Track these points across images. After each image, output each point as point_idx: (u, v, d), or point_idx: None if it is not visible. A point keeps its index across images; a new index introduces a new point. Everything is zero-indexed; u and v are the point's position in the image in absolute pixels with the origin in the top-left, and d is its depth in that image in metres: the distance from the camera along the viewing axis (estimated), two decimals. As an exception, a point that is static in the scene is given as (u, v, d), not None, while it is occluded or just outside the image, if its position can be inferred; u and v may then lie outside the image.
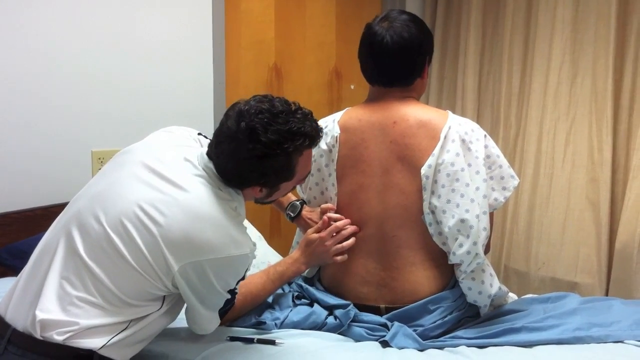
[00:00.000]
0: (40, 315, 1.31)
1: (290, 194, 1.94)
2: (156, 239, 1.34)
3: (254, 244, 1.46)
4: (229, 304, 1.51)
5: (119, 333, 1.36)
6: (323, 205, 1.82)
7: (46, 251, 1.42)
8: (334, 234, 1.76)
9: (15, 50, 2.19)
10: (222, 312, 1.52)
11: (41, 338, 1.31)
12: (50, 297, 1.34)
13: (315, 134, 1.45)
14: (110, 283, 1.34)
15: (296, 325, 1.70)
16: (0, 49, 2.16)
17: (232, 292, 1.49)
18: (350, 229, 1.77)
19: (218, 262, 1.38)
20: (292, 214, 1.90)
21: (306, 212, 1.89)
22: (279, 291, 1.88)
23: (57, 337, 1.30)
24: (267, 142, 1.36)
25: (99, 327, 1.33)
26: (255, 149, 1.36)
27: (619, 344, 1.61)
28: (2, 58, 2.17)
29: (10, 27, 2.18)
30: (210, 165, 1.45)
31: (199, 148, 1.53)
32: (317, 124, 1.46)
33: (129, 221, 1.35)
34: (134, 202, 1.36)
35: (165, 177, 1.41)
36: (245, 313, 1.71)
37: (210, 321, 1.51)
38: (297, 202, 1.90)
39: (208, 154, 1.47)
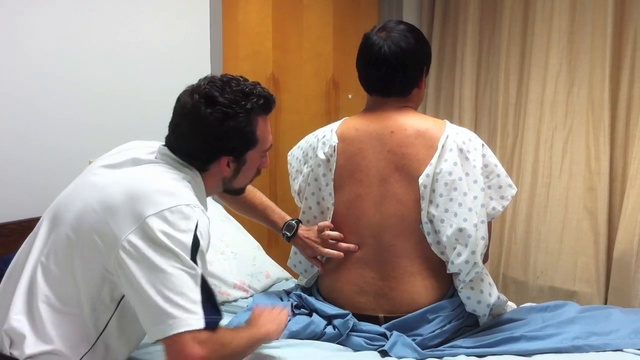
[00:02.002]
0: (6, 325, 1.32)
1: (285, 215, 1.94)
2: (100, 213, 1.32)
3: (205, 210, 1.38)
4: (214, 314, 1.27)
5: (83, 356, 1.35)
6: (320, 223, 1.81)
7: (16, 263, 1.44)
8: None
9: (12, 60, 2.20)
10: (212, 323, 1.25)
11: (9, 354, 1.31)
12: (18, 307, 1.35)
13: (269, 96, 1.47)
14: (69, 277, 1.35)
15: (295, 335, 1.70)
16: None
17: (212, 299, 1.28)
18: (344, 246, 1.76)
19: (163, 215, 1.27)
20: (288, 234, 1.88)
21: (302, 230, 1.87)
22: (278, 300, 1.88)
23: (17, 353, 1.31)
24: (225, 102, 1.39)
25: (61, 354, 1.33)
26: (215, 112, 1.38)
27: (618, 352, 1.61)
28: None
29: (6, 36, 2.19)
30: (167, 152, 1.45)
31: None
32: (267, 90, 1.49)
33: (83, 213, 1.36)
34: (88, 200, 1.37)
35: (113, 165, 1.44)
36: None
37: (172, 316, 1.21)
38: (293, 222, 1.89)
39: (166, 144, 1.48)
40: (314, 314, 1.77)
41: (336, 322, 1.71)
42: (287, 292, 1.96)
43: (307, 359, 1.57)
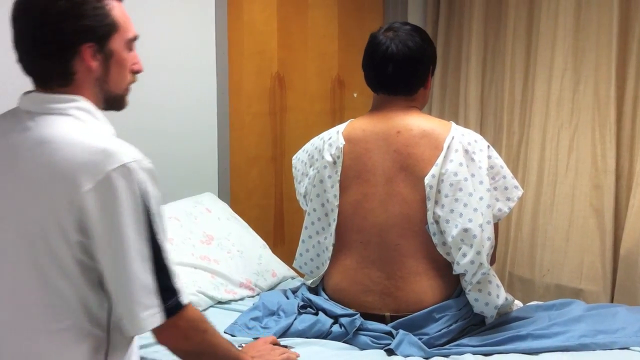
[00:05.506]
0: None
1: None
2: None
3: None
4: (173, 291, 1.18)
5: None
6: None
7: None
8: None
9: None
10: (170, 307, 1.17)
11: None
12: None
13: None
14: (39, 279, 1.15)
15: (301, 334, 1.71)
16: None
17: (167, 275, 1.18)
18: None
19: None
20: None
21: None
22: (284, 299, 1.89)
23: None
24: None
25: None
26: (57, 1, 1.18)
27: (625, 350, 1.61)
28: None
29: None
30: (34, 93, 1.24)
31: None
32: None
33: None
34: None
35: None
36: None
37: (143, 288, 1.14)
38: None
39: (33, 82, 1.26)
40: (320, 313, 1.77)
41: (343, 320, 1.71)
42: (293, 291, 1.96)
43: (313, 358, 1.58)
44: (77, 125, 1.19)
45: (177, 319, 1.18)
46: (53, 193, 1.13)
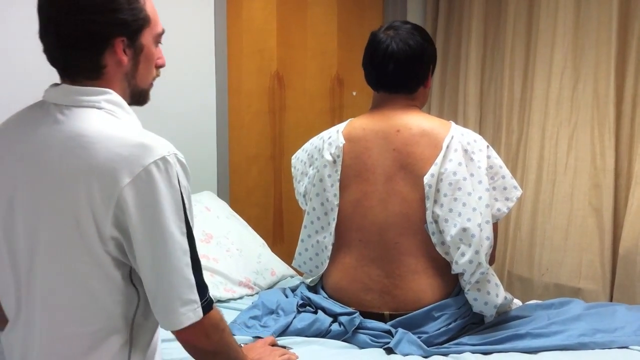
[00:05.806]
0: None
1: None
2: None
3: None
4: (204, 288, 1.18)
5: None
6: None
7: None
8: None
9: (10, 62, 2.20)
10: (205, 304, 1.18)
11: None
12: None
13: None
14: (75, 278, 1.15)
15: (300, 333, 1.71)
16: None
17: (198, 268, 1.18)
18: None
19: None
20: None
21: None
22: (283, 297, 1.89)
23: None
24: None
25: None
26: None
27: (624, 349, 1.61)
28: None
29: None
30: (64, 85, 1.21)
31: None
32: None
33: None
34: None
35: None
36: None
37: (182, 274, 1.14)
38: None
39: (60, 74, 1.23)
40: (319, 311, 1.77)
41: (342, 319, 1.71)
42: (293, 290, 1.96)
43: (312, 357, 1.58)
44: (110, 119, 1.18)
45: (204, 316, 1.17)
46: (88, 187, 1.10)
